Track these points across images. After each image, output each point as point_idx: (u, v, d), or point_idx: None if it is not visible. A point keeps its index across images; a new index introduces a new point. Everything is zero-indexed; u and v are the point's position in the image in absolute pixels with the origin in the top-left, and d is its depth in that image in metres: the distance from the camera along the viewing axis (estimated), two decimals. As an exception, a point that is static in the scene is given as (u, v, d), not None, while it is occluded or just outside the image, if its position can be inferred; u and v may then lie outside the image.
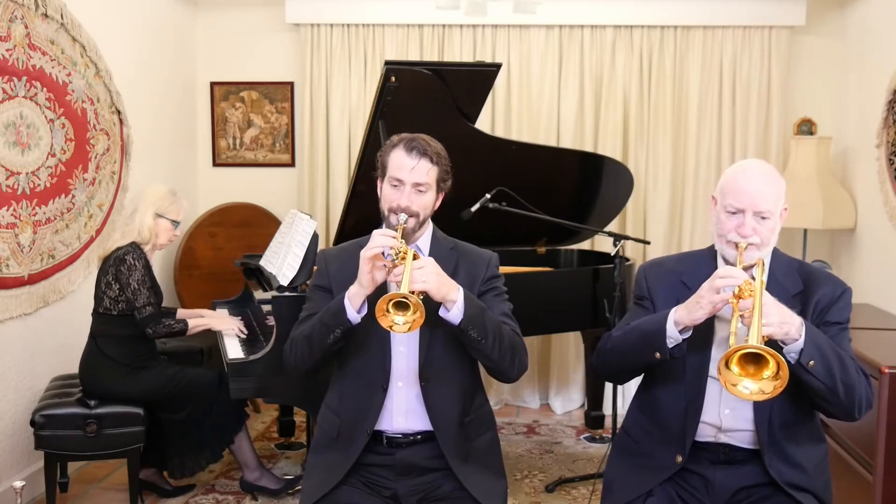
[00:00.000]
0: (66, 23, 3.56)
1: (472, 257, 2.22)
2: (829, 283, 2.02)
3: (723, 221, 1.97)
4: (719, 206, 2.00)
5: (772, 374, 1.69)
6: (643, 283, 2.13)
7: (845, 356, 1.89)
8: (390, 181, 2.12)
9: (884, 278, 4.08)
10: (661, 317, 1.96)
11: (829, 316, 1.98)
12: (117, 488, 3.59)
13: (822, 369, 1.83)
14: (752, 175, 1.97)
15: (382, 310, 1.87)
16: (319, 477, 2.12)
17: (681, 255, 2.23)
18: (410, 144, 2.11)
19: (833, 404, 1.89)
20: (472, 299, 2.03)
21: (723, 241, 1.98)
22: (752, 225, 1.93)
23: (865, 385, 1.91)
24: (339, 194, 4.82)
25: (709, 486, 2.01)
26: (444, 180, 2.16)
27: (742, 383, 1.71)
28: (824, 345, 1.85)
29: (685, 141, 4.75)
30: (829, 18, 4.73)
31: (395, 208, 2.10)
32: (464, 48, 4.79)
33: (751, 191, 1.94)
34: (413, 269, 1.92)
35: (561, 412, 4.81)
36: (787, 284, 2.01)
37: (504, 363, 2.09)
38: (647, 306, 2.10)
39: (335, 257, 2.23)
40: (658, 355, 1.95)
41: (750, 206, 1.93)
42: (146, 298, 3.22)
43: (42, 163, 3.45)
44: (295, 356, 2.15)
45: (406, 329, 1.88)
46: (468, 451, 2.15)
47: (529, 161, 3.84)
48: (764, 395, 1.71)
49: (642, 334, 1.99)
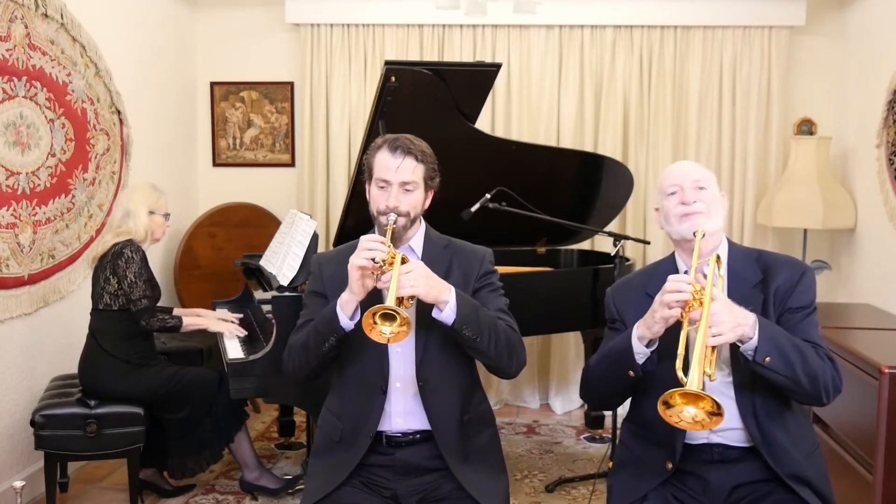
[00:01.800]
0: (66, 23, 3.56)
1: (466, 254, 2.21)
2: (788, 268, 2.02)
3: (667, 206, 2.03)
4: (661, 203, 2.06)
5: (707, 410, 1.68)
6: (612, 307, 2.15)
7: (805, 346, 1.89)
8: (377, 183, 2.11)
9: (884, 278, 4.08)
10: (625, 336, 1.98)
11: (791, 301, 1.98)
12: (117, 488, 3.59)
13: (781, 363, 1.84)
14: (680, 161, 2.19)
15: (370, 324, 1.86)
16: (321, 478, 2.12)
17: (644, 269, 2.26)
18: (394, 144, 2.10)
19: (798, 394, 1.91)
20: (464, 298, 2.03)
21: (673, 221, 2.02)
22: (692, 194, 2.00)
23: (832, 370, 1.91)
24: (339, 194, 4.82)
25: (706, 487, 2.01)
26: (431, 178, 2.15)
27: (685, 410, 1.70)
28: (781, 338, 1.86)
29: (685, 141, 4.75)
30: (829, 18, 4.73)
31: (383, 210, 2.09)
32: (464, 48, 4.79)
33: (681, 168, 2.08)
34: (401, 275, 1.92)
35: (561, 412, 4.81)
36: (746, 275, 2.02)
37: (502, 360, 2.09)
38: (619, 328, 2.11)
39: (329, 261, 2.23)
40: (632, 374, 1.96)
41: (684, 178, 2.02)
42: (142, 291, 3.22)
43: (42, 163, 3.45)
44: (293, 364, 2.16)
45: (386, 340, 1.87)
46: (468, 451, 2.15)
47: (529, 161, 3.84)
48: (698, 426, 1.70)
49: (613, 356, 2.01)
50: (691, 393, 1.69)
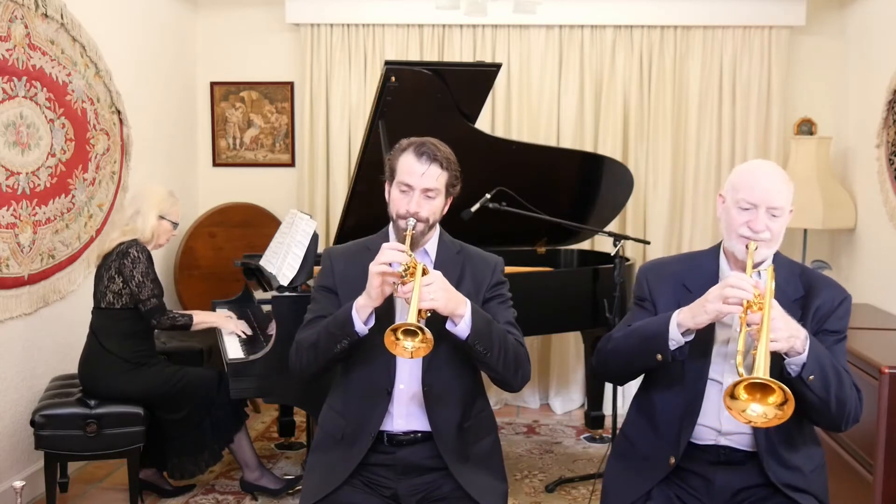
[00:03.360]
0: (66, 23, 3.56)
1: (478, 262, 2.20)
2: (830, 290, 2.01)
3: (734, 217, 1.96)
4: (730, 202, 1.98)
5: (776, 402, 1.68)
6: (644, 285, 2.12)
7: (842, 372, 1.89)
8: (399, 186, 2.09)
9: (884, 278, 4.08)
10: (663, 319, 1.95)
11: (828, 324, 1.97)
12: (117, 488, 3.59)
13: (820, 384, 1.83)
14: (767, 172, 1.99)
15: (392, 341, 1.85)
16: (320, 477, 2.12)
17: (683, 256, 2.22)
18: (420, 150, 2.08)
19: (823, 416, 1.90)
20: (479, 313, 2.02)
21: (733, 235, 1.96)
22: (764, 220, 1.92)
23: (856, 400, 1.91)
24: (339, 194, 4.82)
25: (709, 487, 2.01)
26: (453, 185, 2.14)
27: (750, 407, 1.70)
28: (825, 359, 1.85)
29: (685, 141, 4.75)
30: (829, 18, 4.73)
31: (403, 214, 2.08)
32: (464, 48, 4.79)
33: (766, 186, 1.94)
34: (422, 287, 1.90)
35: (561, 412, 4.81)
36: (788, 289, 2.00)
37: (508, 375, 2.09)
38: (648, 307, 2.09)
39: (340, 256, 2.21)
40: (660, 357, 1.94)
41: (764, 202, 1.93)
42: (150, 290, 3.23)
43: (42, 163, 3.45)
44: (301, 362, 2.15)
45: (409, 356, 1.86)
46: (468, 455, 2.14)
47: (529, 161, 3.84)
48: (765, 421, 1.69)
49: (644, 336, 1.98)
50: (758, 383, 1.67)
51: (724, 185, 2.05)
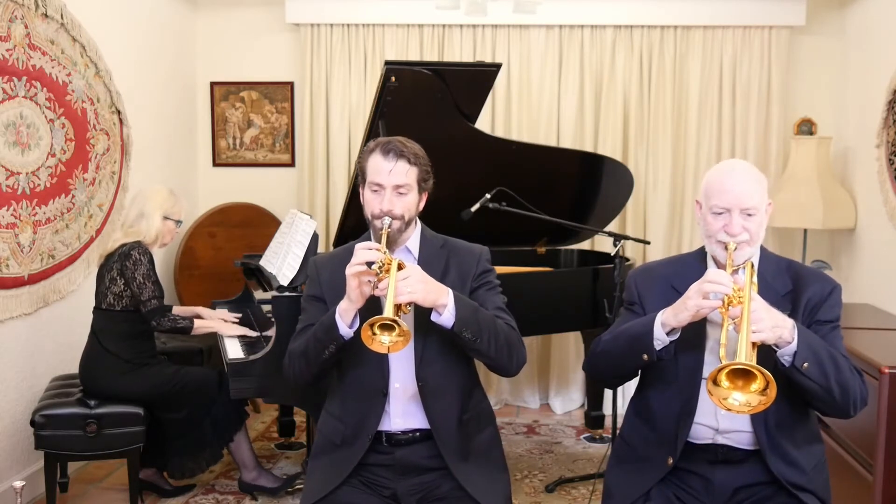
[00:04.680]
0: (66, 23, 3.56)
1: (462, 253, 2.21)
2: (819, 281, 2.02)
3: (710, 223, 1.98)
4: (704, 209, 2.01)
5: (759, 388, 1.70)
6: (633, 289, 2.14)
7: (838, 356, 1.89)
8: (370, 186, 2.11)
9: (884, 278, 4.08)
10: (649, 319, 1.97)
11: (820, 314, 1.98)
12: (117, 488, 3.59)
13: (817, 370, 1.84)
14: (734, 174, 1.98)
15: (369, 336, 1.86)
16: (320, 478, 2.12)
17: (670, 259, 2.24)
18: (386, 147, 2.09)
19: (828, 404, 1.90)
20: (462, 300, 2.02)
21: (712, 241, 1.99)
22: (739, 223, 1.94)
23: (860, 383, 1.91)
24: (339, 194, 4.82)
25: (709, 487, 2.01)
26: (424, 180, 2.14)
27: (732, 396, 1.72)
28: (817, 345, 1.85)
29: (685, 141, 4.75)
30: (829, 18, 4.73)
31: (377, 213, 2.08)
32: (464, 48, 4.79)
33: (736, 190, 1.95)
34: (398, 281, 1.91)
35: (561, 412, 4.81)
36: (776, 285, 2.01)
37: (502, 359, 2.09)
38: (638, 311, 2.11)
39: (325, 264, 2.22)
40: (646, 357, 1.96)
41: (735, 205, 1.94)
42: (151, 292, 3.23)
43: (42, 163, 3.45)
44: (294, 371, 2.17)
45: (386, 350, 1.87)
46: (468, 450, 2.15)
47: (529, 161, 3.84)
48: (749, 409, 1.71)
49: (631, 336, 2.00)
50: (740, 371, 1.68)
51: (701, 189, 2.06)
